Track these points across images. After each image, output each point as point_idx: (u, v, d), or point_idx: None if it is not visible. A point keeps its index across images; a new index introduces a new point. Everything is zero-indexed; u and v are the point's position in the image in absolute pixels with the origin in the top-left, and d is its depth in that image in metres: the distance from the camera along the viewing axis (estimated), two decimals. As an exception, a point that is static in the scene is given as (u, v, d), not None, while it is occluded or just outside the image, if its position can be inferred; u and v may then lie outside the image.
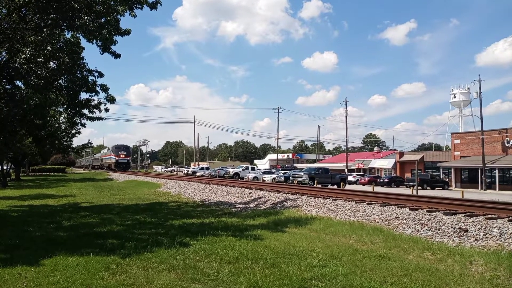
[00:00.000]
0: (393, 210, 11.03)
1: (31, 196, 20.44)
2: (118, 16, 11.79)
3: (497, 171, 39.79)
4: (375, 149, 74.62)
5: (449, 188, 41.05)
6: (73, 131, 40.84)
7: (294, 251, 7.10)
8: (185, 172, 60.70)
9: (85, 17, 11.16)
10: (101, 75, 14.46)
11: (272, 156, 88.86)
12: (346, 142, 63.12)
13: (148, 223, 10.92)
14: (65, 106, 15.18)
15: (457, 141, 47.65)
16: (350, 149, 73.81)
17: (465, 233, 8.44)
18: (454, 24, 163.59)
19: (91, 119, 15.77)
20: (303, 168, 45.24)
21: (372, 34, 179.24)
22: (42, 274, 5.65)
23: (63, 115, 21.87)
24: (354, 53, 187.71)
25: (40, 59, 12.29)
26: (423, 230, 9.15)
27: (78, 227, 10.11)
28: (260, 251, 7.05)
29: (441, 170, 46.39)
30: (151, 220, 11.51)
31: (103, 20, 11.54)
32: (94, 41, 12.03)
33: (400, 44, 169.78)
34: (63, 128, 38.44)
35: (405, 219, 10.11)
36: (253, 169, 48.09)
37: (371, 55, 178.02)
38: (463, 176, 44.73)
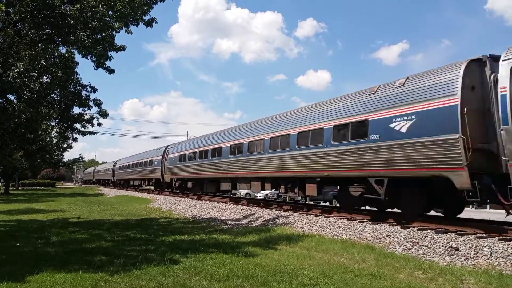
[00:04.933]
0: (384, 228, 11.02)
1: (20, 211, 20.11)
2: (114, 33, 11.89)
3: (488, 190, 39.67)
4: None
5: (441, 206, 41.11)
6: (65, 146, 40.74)
7: (285, 269, 7.04)
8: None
9: (81, 33, 11.25)
10: (94, 90, 14.51)
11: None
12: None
13: (138, 239, 10.78)
14: (57, 120, 15.15)
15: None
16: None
17: (456, 252, 8.45)
18: (446, 44, 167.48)
19: (83, 133, 15.74)
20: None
21: (365, 54, 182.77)
22: (28, 291, 5.54)
23: (55, 129, 21.80)
24: (347, 72, 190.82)
25: (34, 74, 12.31)
26: (415, 249, 9.14)
27: (67, 243, 9.96)
28: (251, 268, 6.99)
29: (432, 188, 46.20)
30: (141, 236, 11.37)
31: (98, 36, 11.63)
32: (89, 57, 12.09)
33: (393, 63, 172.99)
34: (54, 142, 38.31)
35: (397, 237, 10.10)
36: (246, 185, 47.50)
37: (364, 74, 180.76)
38: (454, 195, 44.49)
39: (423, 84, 10.67)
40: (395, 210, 13.20)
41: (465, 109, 9.23)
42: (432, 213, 12.80)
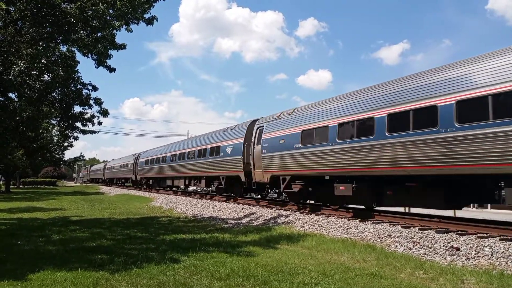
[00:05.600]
0: (385, 228, 11.01)
1: (21, 209, 20.13)
2: (114, 31, 11.87)
3: (488, 189, 39.41)
4: (368, 166, 74.52)
5: (442, 206, 41.08)
6: (65, 144, 40.78)
7: (286, 268, 7.04)
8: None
9: (81, 31, 11.24)
10: (95, 88, 14.50)
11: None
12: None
13: (138, 238, 10.79)
14: (58, 119, 15.16)
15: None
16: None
17: (457, 252, 8.44)
18: (446, 44, 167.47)
19: (84, 132, 15.74)
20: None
21: (366, 54, 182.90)
22: (29, 289, 5.54)
23: (55, 128, 21.82)
24: (348, 72, 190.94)
25: (35, 72, 12.30)
26: (415, 248, 9.13)
27: (68, 241, 9.96)
28: (251, 268, 6.99)
29: (433, 187, 45.80)
30: (142, 235, 11.37)
31: (98, 34, 11.61)
32: (89, 55, 12.09)
33: (393, 63, 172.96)
34: (55, 141, 38.35)
35: (398, 237, 10.08)
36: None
37: (365, 74, 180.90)
38: (455, 194, 44.21)
39: None
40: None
41: None
42: (432, 212, 12.78)
